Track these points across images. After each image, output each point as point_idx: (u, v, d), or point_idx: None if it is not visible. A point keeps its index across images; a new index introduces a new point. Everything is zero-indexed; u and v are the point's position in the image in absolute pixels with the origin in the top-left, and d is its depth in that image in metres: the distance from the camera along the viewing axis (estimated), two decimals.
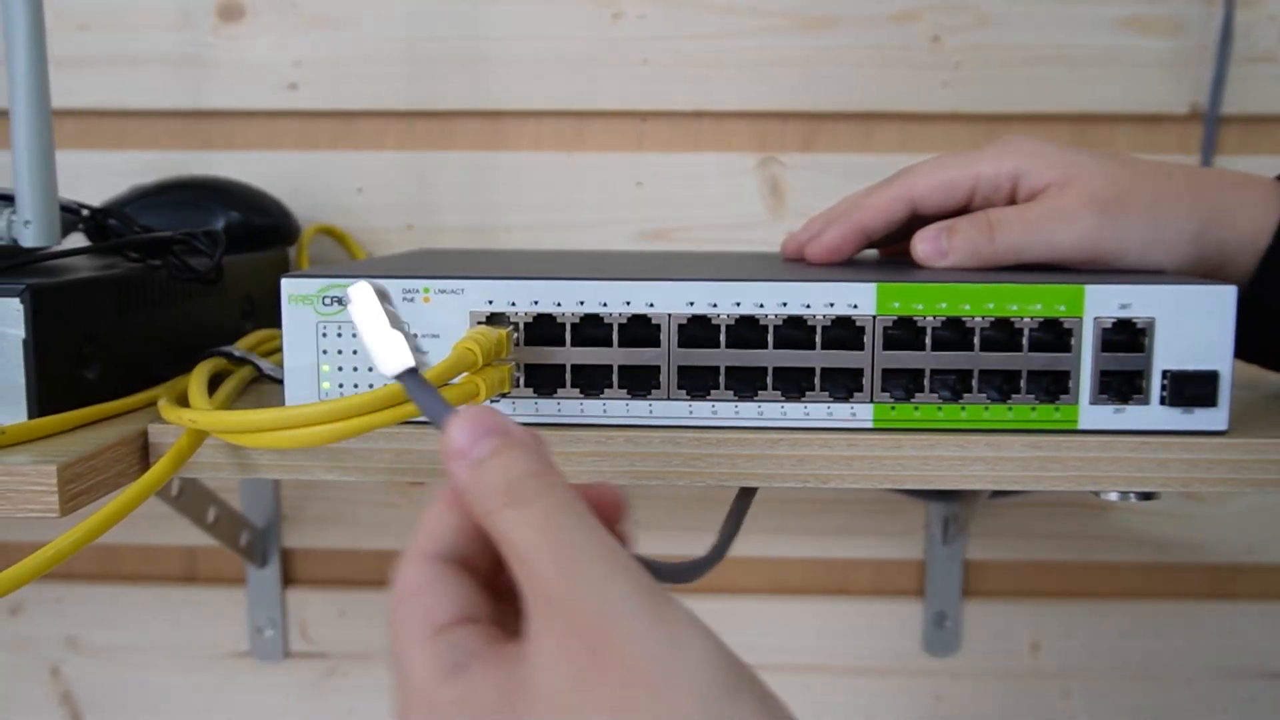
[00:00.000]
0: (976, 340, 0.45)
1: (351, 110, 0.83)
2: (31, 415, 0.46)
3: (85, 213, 0.60)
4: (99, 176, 0.82)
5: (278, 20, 0.82)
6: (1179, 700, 0.89)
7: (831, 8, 0.81)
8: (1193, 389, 0.45)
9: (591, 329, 0.46)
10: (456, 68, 0.82)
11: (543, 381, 0.46)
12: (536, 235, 0.83)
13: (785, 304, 0.45)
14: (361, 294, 0.34)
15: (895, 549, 0.88)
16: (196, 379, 0.49)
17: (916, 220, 0.54)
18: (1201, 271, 0.52)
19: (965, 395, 0.46)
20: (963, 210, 0.53)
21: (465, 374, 0.42)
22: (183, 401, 0.48)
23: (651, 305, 0.45)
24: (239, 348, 0.57)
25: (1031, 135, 0.54)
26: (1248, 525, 0.87)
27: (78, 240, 0.62)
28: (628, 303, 0.45)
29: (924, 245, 0.52)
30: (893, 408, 0.46)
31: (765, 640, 0.89)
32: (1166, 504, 0.87)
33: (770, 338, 0.45)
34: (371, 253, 0.84)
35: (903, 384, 0.46)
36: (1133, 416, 0.45)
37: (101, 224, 0.60)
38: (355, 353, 0.46)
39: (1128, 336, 0.45)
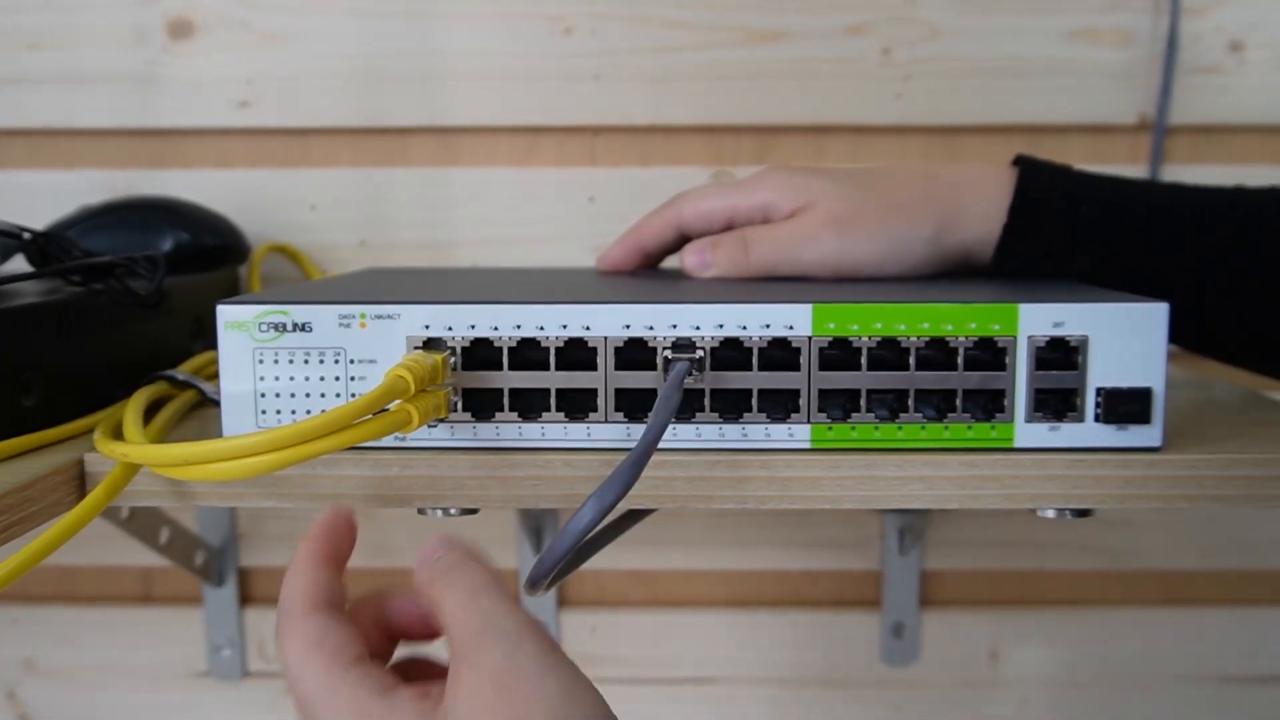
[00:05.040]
0: (912, 360, 0.45)
1: (304, 127, 0.83)
2: None
3: (26, 236, 0.59)
4: (50, 196, 0.82)
5: (229, 38, 0.82)
6: (1137, 706, 0.90)
7: (783, 21, 0.81)
8: (1126, 406, 0.45)
9: (529, 353, 0.46)
10: (409, 84, 0.82)
11: (481, 406, 0.46)
12: (490, 251, 0.83)
13: (721, 326, 0.45)
14: None
15: (852, 560, 0.88)
16: (132, 408, 0.48)
17: (687, 240, 0.61)
18: (945, 270, 0.58)
19: (902, 415, 0.46)
20: (726, 229, 0.60)
21: (398, 401, 0.42)
22: (119, 431, 0.47)
23: (588, 329, 0.45)
24: (183, 371, 0.56)
25: (784, 167, 0.60)
26: (1201, 531, 0.88)
27: (20, 263, 0.62)
28: (564, 326, 0.45)
29: (691, 258, 0.59)
30: (830, 428, 0.46)
31: (724, 653, 0.89)
32: (1121, 511, 0.87)
33: (707, 360, 0.45)
34: (326, 270, 0.84)
35: (839, 404, 0.46)
36: (1068, 434, 0.46)
37: (43, 247, 0.59)
38: (293, 379, 0.46)
39: (1061, 354, 0.45)
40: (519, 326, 0.45)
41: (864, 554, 0.88)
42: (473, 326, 0.45)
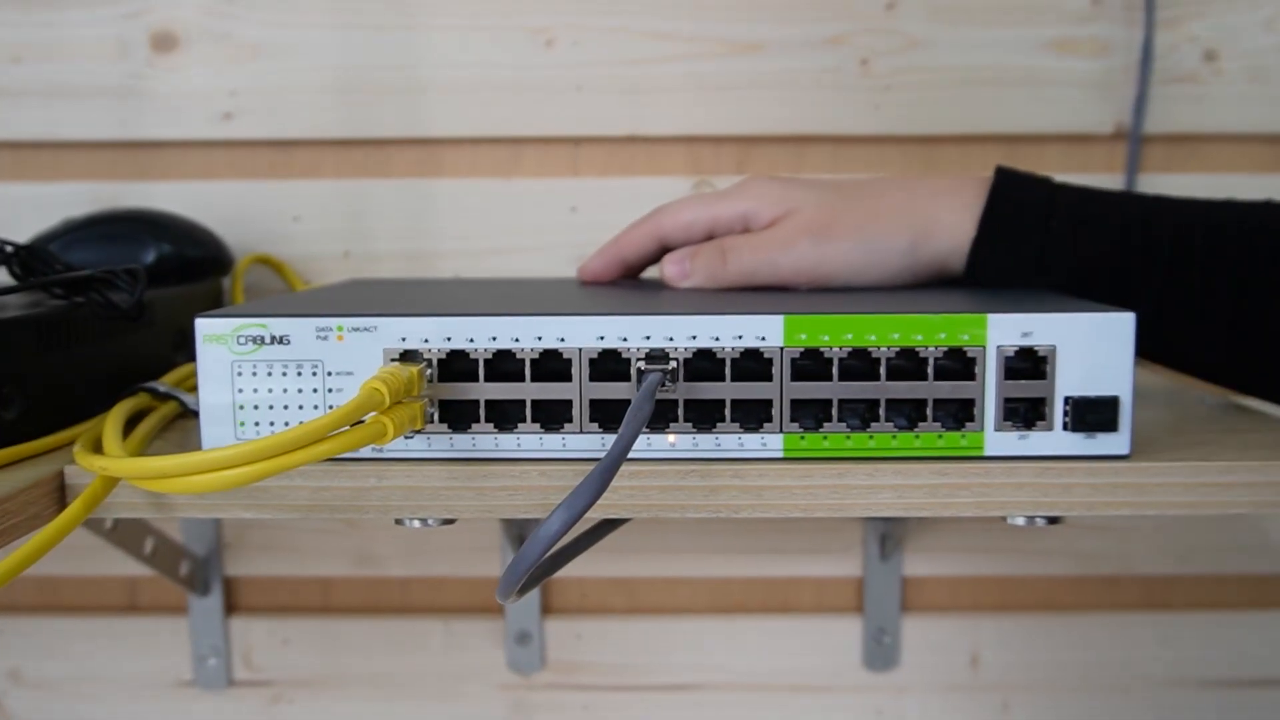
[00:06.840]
0: (883, 370, 0.46)
1: (287, 139, 0.83)
2: None
3: (8, 249, 0.60)
4: (34, 208, 0.82)
5: (212, 50, 0.82)
6: (1117, 711, 0.90)
7: (763, 32, 0.82)
8: (1094, 414, 0.46)
9: (505, 364, 0.46)
10: (392, 96, 0.83)
11: (457, 417, 0.46)
12: (473, 261, 0.84)
13: (694, 337, 0.46)
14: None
15: (834, 566, 0.89)
16: (112, 420, 0.49)
17: (668, 250, 0.62)
18: (921, 280, 0.59)
19: (873, 424, 0.46)
20: (707, 239, 0.61)
21: (373, 413, 0.42)
22: (99, 443, 0.48)
23: (563, 340, 0.46)
24: (164, 383, 0.57)
25: (764, 176, 0.61)
26: (1180, 537, 0.89)
27: (2, 276, 0.62)
28: (539, 338, 0.46)
29: (670, 268, 0.60)
30: (802, 437, 0.46)
31: (707, 659, 0.90)
32: (1100, 517, 0.88)
33: (680, 370, 0.46)
34: (309, 281, 0.84)
35: (811, 414, 0.46)
36: (1036, 442, 0.46)
37: (25, 260, 0.60)
38: (271, 391, 0.46)
39: (1030, 364, 0.46)
40: (494, 338, 0.46)
41: (845, 560, 0.89)
42: (449, 339, 0.46)
